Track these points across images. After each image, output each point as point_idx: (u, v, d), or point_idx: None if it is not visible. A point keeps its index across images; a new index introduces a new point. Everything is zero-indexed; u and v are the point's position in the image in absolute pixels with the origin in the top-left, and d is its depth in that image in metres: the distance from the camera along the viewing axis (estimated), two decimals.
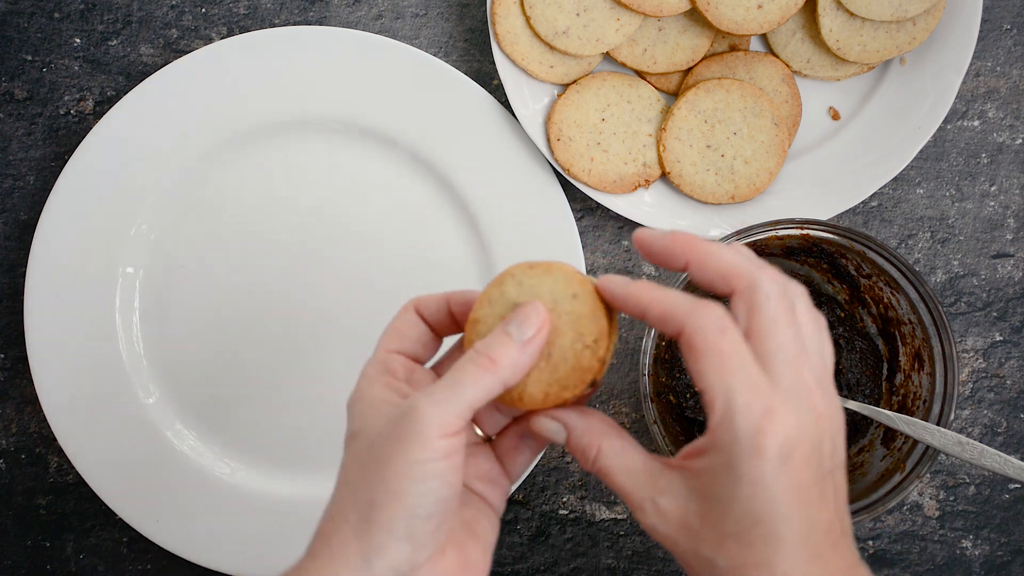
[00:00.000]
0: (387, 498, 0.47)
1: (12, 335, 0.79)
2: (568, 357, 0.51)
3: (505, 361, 0.49)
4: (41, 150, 0.79)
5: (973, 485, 0.78)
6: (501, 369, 0.49)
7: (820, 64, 0.76)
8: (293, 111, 0.76)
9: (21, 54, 0.79)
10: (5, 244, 0.79)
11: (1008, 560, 0.78)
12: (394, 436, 0.48)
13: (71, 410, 0.76)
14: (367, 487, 0.48)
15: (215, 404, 0.77)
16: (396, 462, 0.47)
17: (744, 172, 0.75)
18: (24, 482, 0.79)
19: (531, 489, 0.79)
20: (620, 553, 0.79)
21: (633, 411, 0.79)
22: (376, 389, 0.51)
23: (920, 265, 0.79)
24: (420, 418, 0.47)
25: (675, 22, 0.75)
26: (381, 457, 0.48)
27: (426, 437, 0.47)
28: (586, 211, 0.79)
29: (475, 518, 0.52)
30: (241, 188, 0.77)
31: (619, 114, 0.76)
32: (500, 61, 0.75)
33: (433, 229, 0.77)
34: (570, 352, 0.50)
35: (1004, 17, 0.78)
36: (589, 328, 0.50)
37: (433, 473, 0.47)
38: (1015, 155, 0.79)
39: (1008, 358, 0.79)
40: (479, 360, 0.49)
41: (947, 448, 0.66)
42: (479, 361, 0.49)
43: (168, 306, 0.77)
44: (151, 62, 0.79)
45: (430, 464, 0.47)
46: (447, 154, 0.76)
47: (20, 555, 0.79)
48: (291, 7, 0.79)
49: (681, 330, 0.47)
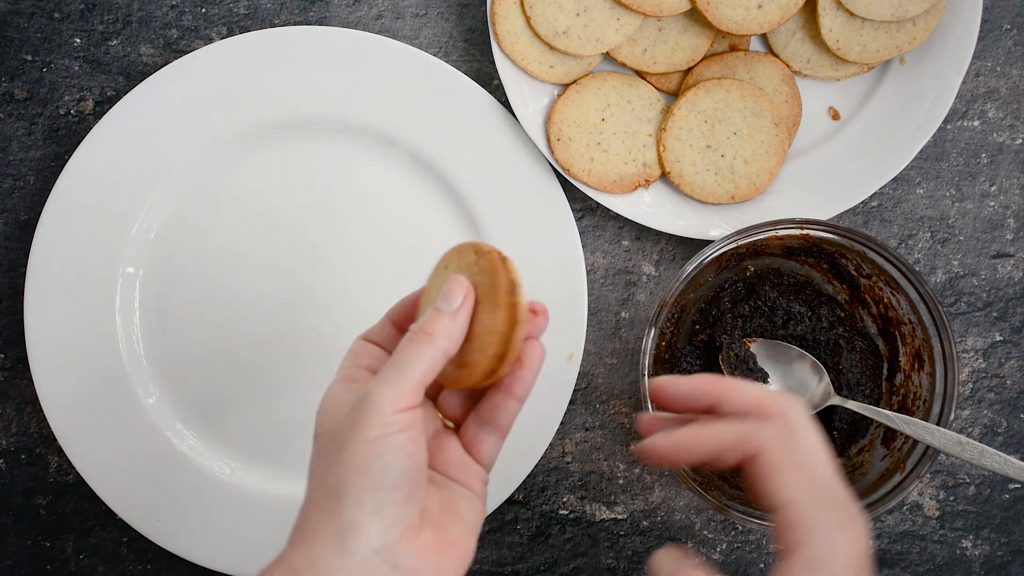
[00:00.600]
0: (352, 475, 0.49)
1: (12, 335, 0.79)
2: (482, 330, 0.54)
3: (440, 331, 0.52)
4: (41, 150, 0.79)
5: (973, 485, 0.78)
6: (438, 339, 0.52)
7: (820, 64, 0.76)
8: (293, 111, 0.76)
9: (21, 54, 0.79)
10: (5, 244, 0.79)
11: (1008, 560, 0.78)
12: (351, 422, 0.50)
13: (71, 410, 0.76)
14: (333, 472, 0.50)
15: (215, 404, 0.77)
16: (356, 441, 0.50)
17: (744, 172, 0.75)
18: (24, 482, 0.79)
19: (531, 489, 0.79)
20: (620, 553, 0.79)
21: (633, 411, 0.79)
22: (337, 392, 0.54)
23: (920, 265, 0.79)
24: (373, 399, 0.50)
25: (675, 22, 0.75)
26: (342, 442, 0.50)
27: (381, 414, 0.50)
28: (586, 211, 0.79)
29: (453, 500, 0.54)
30: (241, 188, 0.77)
31: (619, 114, 0.76)
32: (500, 61, 0.75)
33: (433, 229, 0.77)
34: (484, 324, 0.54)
35: (1004, 17, 0.78)
36: (495, 296, 0.53)
37: (392, 446, 0.49)
38: (1015, 155, 0.79)
39: (1008, 358, 0.79)
40: (417, 337, 0.52)
41: (947, 448, 0.66)
42: (417, 338, 0.52)
43: (168, 306, 0.77)
44: (151, 62, 0.79)
45: (388, 438, 0.49)
46: (447, 154, 0.76)
47: (20, 555, 0.79)
48: (291, 7, 0.79)
49: (757, 449, 0.50)
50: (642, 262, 0.79)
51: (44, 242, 0.76)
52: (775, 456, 0.50)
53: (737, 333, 0.74)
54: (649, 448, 0.52)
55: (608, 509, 0.79)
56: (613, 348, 0.79)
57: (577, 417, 0.79)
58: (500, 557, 0.78)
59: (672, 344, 0.75)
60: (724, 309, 0.75)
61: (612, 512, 0.79)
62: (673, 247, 0.79)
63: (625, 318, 0.79)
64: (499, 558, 0.78)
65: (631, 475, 0.79)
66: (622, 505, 0.79)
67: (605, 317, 0.79)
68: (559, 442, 0.79)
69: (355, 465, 0.49)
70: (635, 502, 0.79)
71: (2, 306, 0.79)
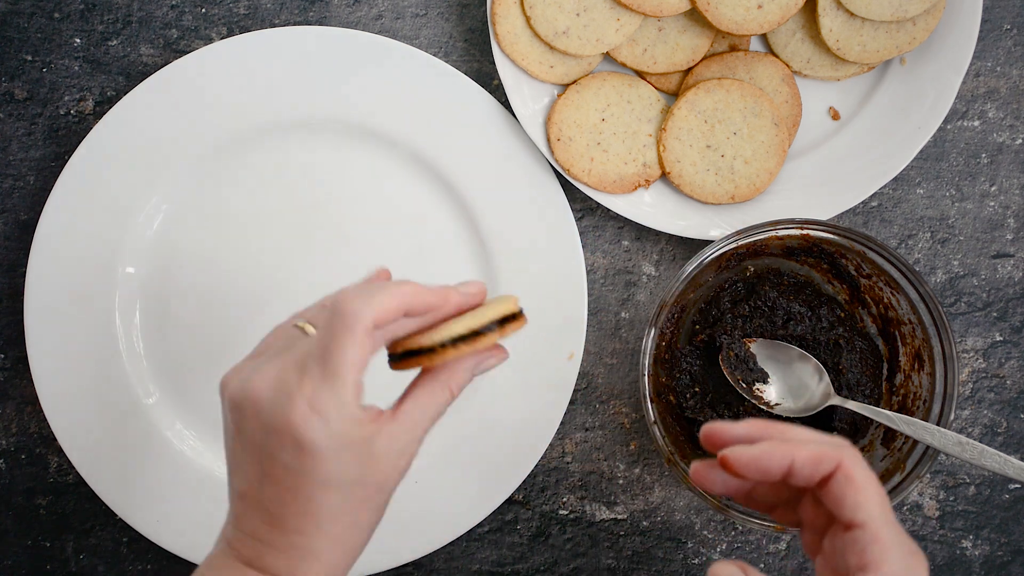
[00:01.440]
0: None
1: (12, 335, 0.79)
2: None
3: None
4: (41, 150, 0.79)
5: (973, 485, 0.78)
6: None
7: (820, 64, 0.76)
8: (293, 111, 0.76)
9: (21, 54, 0.79)
10: (5, 244, 0.79)
11: (1008, 560, 0.78)
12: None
13: (71, 410, 0.76)
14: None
15: (215, 404, 0.77)
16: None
17: (744, 172, 0.75)
18: (24, 482, 0.79)
19: (531, 489, 0.79)
20: (620, 553, 0.79)
21: (633, 411, 0.79)
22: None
23: (920, 265, 0.79)
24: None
25: (675, 22, 0.75)
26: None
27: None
28: (586, 211, 0.79)
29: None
30: (241, 188, 0.77)
31: (619, 114, 0.76)
32: (500, 61, 0.75)
33: (433, 229, 0.77)
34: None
35: (1004, 17, 0.78)
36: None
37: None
38: (1015, 155, 0.79)
39: (1008, 358, 0.79)
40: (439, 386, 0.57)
41: (947, 448, 0.66)
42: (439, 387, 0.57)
43: (168, 306, 0.77)
44: (151, 62, 0.79)
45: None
46: (447, 154, 0.76)
47: (20, 555, 0.79)
48: (291, 7, 0.79)
49: (839, 464, 0.51)
50: (642, 262, 0.79)
51: (44, 242, 0.76)
52: (859, 473, 0.51)
53: (737, 333, 0.74)
54: (731, 457, 0.53)
55: (608, 509, 0.79)
56: (613, 348, 0.79)
57: (577, 417, 0.79)
58: (500, 557, 0.78)
59: (672, 344, 0.75)
60: (724, 309, 0.75)
61: (612, 512, 0.79)
62: (673, 247, 0.79)
63: (625, 318, 0.79)
64: (499, 558, 0.78)
65: (631, 475, 0.79)
66: (622, 505, 0.79)
67: (605, 317, 0.79)
68: (559, 442, 0.79)
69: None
70: (635, 502, 0.79)
71: (2, 306, 0.79)
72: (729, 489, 0.56)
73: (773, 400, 0.72)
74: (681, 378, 0.74)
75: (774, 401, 0.72)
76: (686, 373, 0.74)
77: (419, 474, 0.76)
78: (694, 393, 0.74)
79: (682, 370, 0.74)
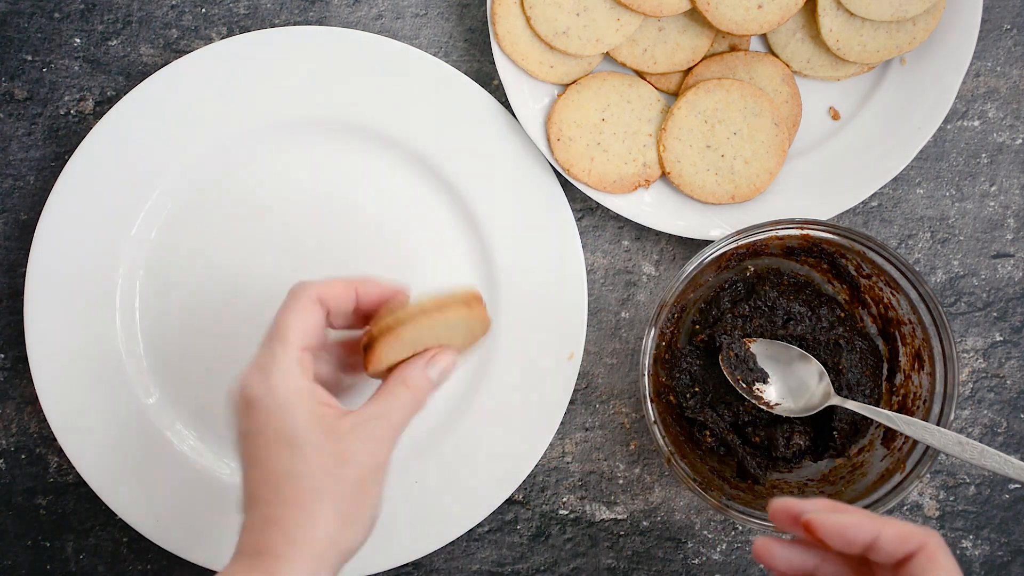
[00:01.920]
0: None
1: (12, 335, 0.79)
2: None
3: (422, 393, 0.60)
4: (41, 150, 0.79)
5: (973, 485, 0.78)
6: (420, 395, 0.60)
7: (820, 64, 0.76)
8: (293, 111, 0.76)
9: (21, 54, 0.79)
10: (5, 244, 0.79)
11: (1008, 560, 0.78)
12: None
13: (71, 410, 0.76)
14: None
15: (215, 404, 0.77)
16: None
17: (744, 172, 0.75)
18: (24, 482, 0.79)
19: (531, 489, 0.79)
20: (620, 553, 0.79)
21: (633, 411, 0.79)
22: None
23: (920, 265, 0.79)
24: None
25: (675, 22, 0.75)
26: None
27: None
28: (586, 211, 0.79)
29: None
30: (241, 188, 0.77)
31: (619, 114, 0.76)
32: (500, 61, 0.75)
33: (433, 229, 0.77)
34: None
35: (1004, 17, 0.78)
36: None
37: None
38: (1015, 155, 0.79)
39: (1008, 358, 0.79)
40: (400, 388, 0.60)
41: (947, 448, 0.66)
42: (400, 390, 0.60)
43: (168, 306, 0.77)
44: (151, 62, 0.79)
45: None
46: (447, 154, 0.76)
47: (20, 555, 0.79)
48: (291, 7, 0.79)
49: (923, 545, 0.52)
50: (642, 262, 0.79)
51: (44, 242, 0.76)
52: (943, 555, 0.52)
53: (737, 333, 0.74)
54: (817, 521, 0.53)
55: (608, 509, 0.79)
56: (613, 348, 0.79)
57: (577, 417, 0.79)
58: (500, 557, 0.78)
59: (672, 344, 0.75)
60: (724, 309, 0.75)
61: (612, 512, 0.79)
62: (673, 247, 0.79)
63: (625, 318, 0.79)
64: (499, 558, 0.78)
65: (631, 475, 0.79)
66: (622, 505, 0.79)
67: (605, 317, 0.79)
68: (559, 442, 0.79)
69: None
70: (635, 502, 0.79)
71: (2, 306, 0.79)
72: (792, 566, 0.55)
73: (773, 400, 0.72)
74: (681, 378, 0.74)
75: (774, 401, 0.72)
76: (686, 373, 0.74)
77: (419, 474, 0.76)
78: (694, 393, 0.74)
79: (682, 370, 0.74)
